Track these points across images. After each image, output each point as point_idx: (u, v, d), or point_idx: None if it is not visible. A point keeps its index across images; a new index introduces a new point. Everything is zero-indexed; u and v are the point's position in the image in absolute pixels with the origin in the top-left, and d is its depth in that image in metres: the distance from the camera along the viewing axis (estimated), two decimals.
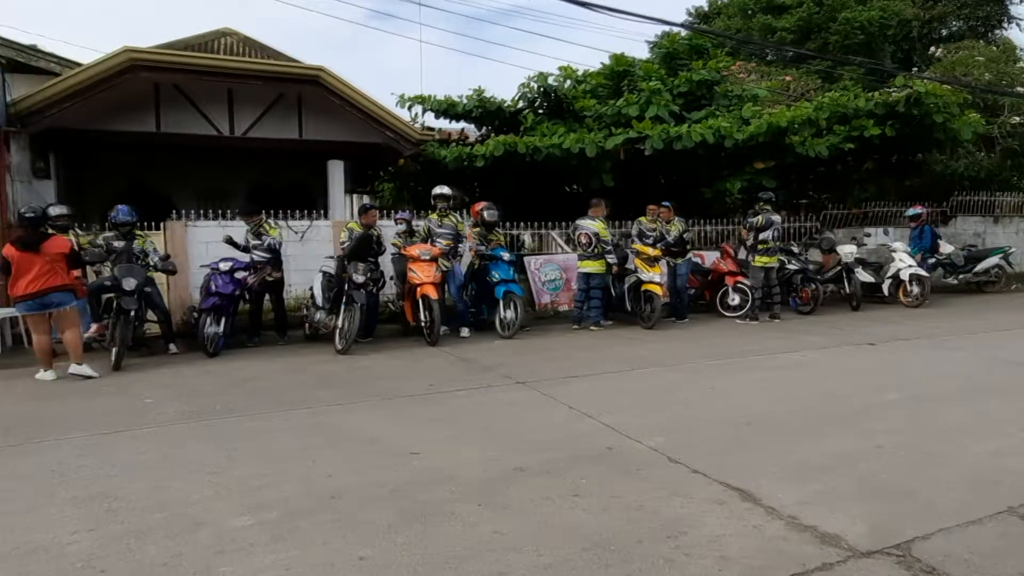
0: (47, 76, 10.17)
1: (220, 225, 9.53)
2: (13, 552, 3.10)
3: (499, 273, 8.92)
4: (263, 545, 3.13)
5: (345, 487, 3.81)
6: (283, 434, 4.87)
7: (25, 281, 6.66)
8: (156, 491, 3.78)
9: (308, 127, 11.24)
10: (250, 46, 12.78)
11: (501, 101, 12.74)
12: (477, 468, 4.11)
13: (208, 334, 7.77)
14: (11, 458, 4.42)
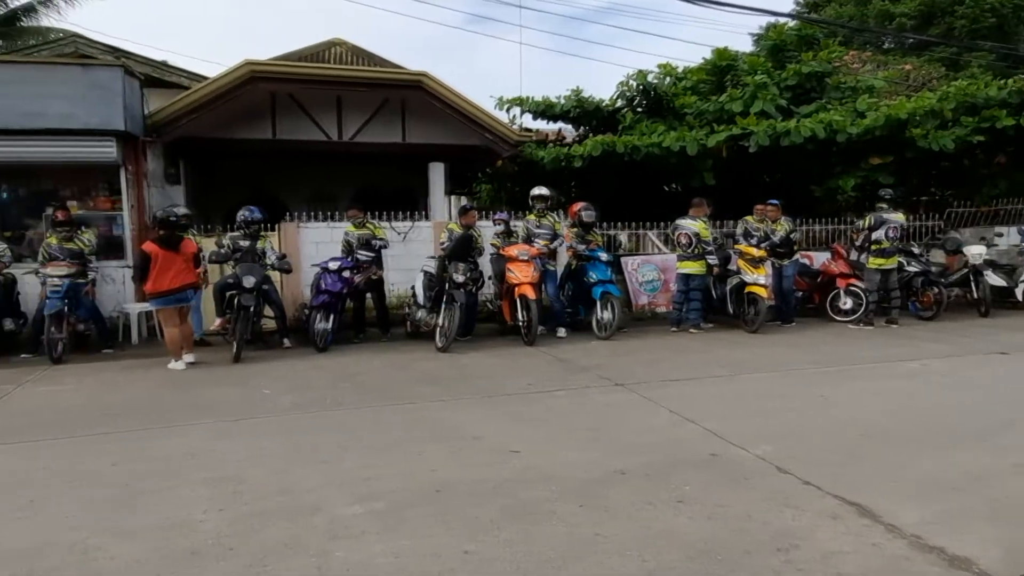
0: (178, 90, 11.02)
1: (329, 226, 10.00)
2: (154, 526, 3.39)
3: (596, 274, 8.88)
4: (374, 533, 3.27)
5: (449, 481, 3.92)
6: (389, 428, 5.05)
7: (167, 278, 7.28)
8: (276, 477, 4.03)
9: (411, 131, 11.60)
10: (358, 55, 13.32)
11: (599, 101, 12.67)
12: (577, 469, 4.11)
13: (318, 330, 8.18)
14: (148, 440, 4.82)
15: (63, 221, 8.23)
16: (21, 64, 9.62)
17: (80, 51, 12.15)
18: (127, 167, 9.46)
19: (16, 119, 8.68)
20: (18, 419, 5.44)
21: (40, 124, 8.74)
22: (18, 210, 9.63)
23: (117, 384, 6.70)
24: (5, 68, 9.20)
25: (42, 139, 8.83)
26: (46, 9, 17.40)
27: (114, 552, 3.13)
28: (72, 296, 7.83)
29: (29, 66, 9.42)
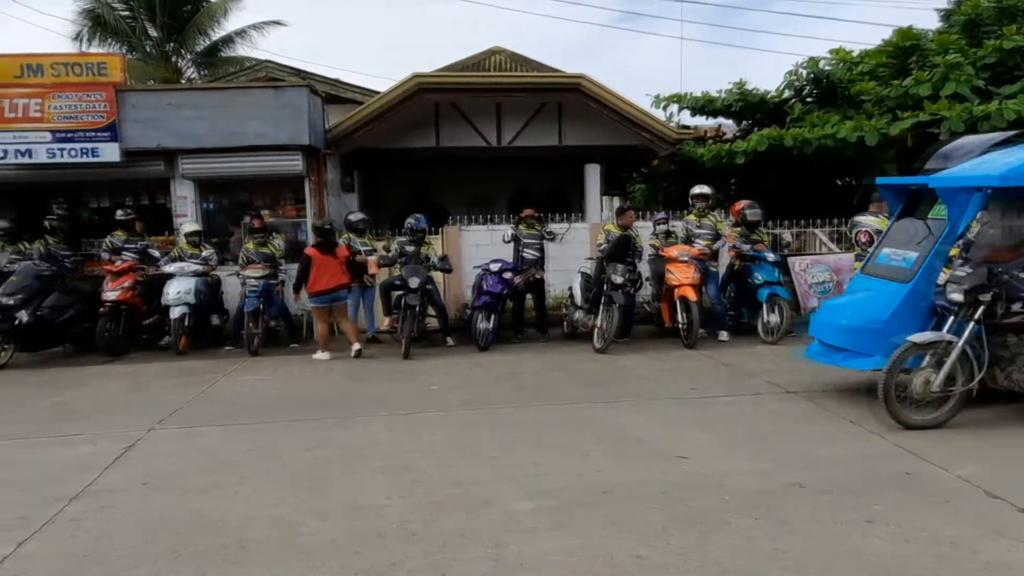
0: (352, 105, 11.90)
1: (489, 229, 10.32)
2: (344, 508, 3.68)
3: (762, 275, 8.43)
4: (545, 530, 3.33)
5: (616, 483, 3.90)
6: (552, 427, 5.12)
7: (323, 279, 8.01)
8: (448, 469, 4.22)
9: (567, 133, 11.67)
10: (517, 61, 13.64)
11: (764, 92, 12.02)
12: (750, 479, 3.93)
13: (480, 330, 8.46)
14: (334, 428, 5.24)
15: (258, 228, 9.16)
16: (225, 90, 10.86)
17: (270, 75, 13.50)
18: (310, 178, 10.36)
19: (221, 138, 9.80)
20: (225, 405, 6.12)
21: (240, 142, 9.81)
22: (221, 219, 10.85)
23: (305, 376, 7.35)
24: (212, 94, 10.42)
25: (241, 155, 9.90)
26: (240, 39, 19.53)
27: (312, 529, 3.43)
28: (266, 295, 8.71)
29: (231, 91, 10.60)
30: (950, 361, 4.67)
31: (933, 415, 4.79)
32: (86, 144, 9.50)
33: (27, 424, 5.59)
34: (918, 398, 4.74)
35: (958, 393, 4.75)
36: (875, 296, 5.51)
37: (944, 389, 4.72)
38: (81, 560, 3.17)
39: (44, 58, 9.73)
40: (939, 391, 4.71)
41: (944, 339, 4.74)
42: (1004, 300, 4.75)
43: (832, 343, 5.63)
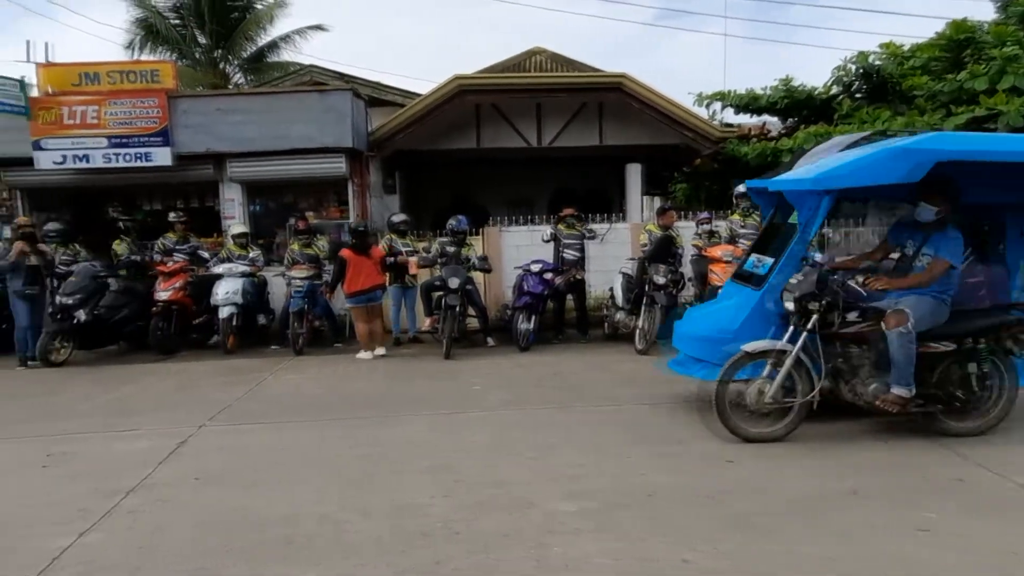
0: (394, 107, 12.04)
1: (529, 230, 10.33)
2: (389, 506, 3.72)
3: None
4: (588, 532, 3.32)
5: (660, 486, 3.86)
6: (594, 428, 5.09)
7: (359, 279, 8.17)
8: (490, 469, 4.24)
9: (608, 133, 11.61)
10: (557, 61, 13.63)
11: (811, 89, 11.74)
12: (800, 484, 3.85)
13: (520, 330, 8.47)
14: (378, 427, 5.30)
15: (303, 230, 9.34)
16: (271, 95, 11.10)
17: (314, 79, 13.74)
18: (353, 180, 10.53)
19: (269, 142, 10.03)
20: (271, 403, 6.25)
21: (286, 145, 10.03)
22: (267, 221, 11.10)
23: (348, 375, 7.46)
24: (259, 99, 10.67)
25: (287, 158, 10.12)
26: (285, 45, 19.93)
27: (357, 527, 3.48)
28: (311, 296, 8.87)
29: (277, 96, 10.84)
30: (783, 372, 4.52)
31: (773, 428, 4.64)
32: (140, 149, 9.83)
33: (87, 419, 5.80)
34: (754, 409, 4.59)
35: (798, 405, 4.59)
36: (732, 304, 5.33)
37: (781, 400, 4.56)
38: (138, 551, 3.28)
39: (100, 66, 10.10)
40: (772, 402, 4.55)
41: (776, 348, 4.59)
42: (839, 309, 4.55)
43: (691, 354, 5.39)
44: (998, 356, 4.64)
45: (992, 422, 4.65)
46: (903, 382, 4.40)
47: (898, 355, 4.35)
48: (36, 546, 3.34)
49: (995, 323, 4.62)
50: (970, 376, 4.57)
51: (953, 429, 4.61)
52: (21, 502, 3.98)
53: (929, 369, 4.57)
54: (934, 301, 4.48)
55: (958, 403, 4.58)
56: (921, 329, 4.40)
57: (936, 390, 4.57)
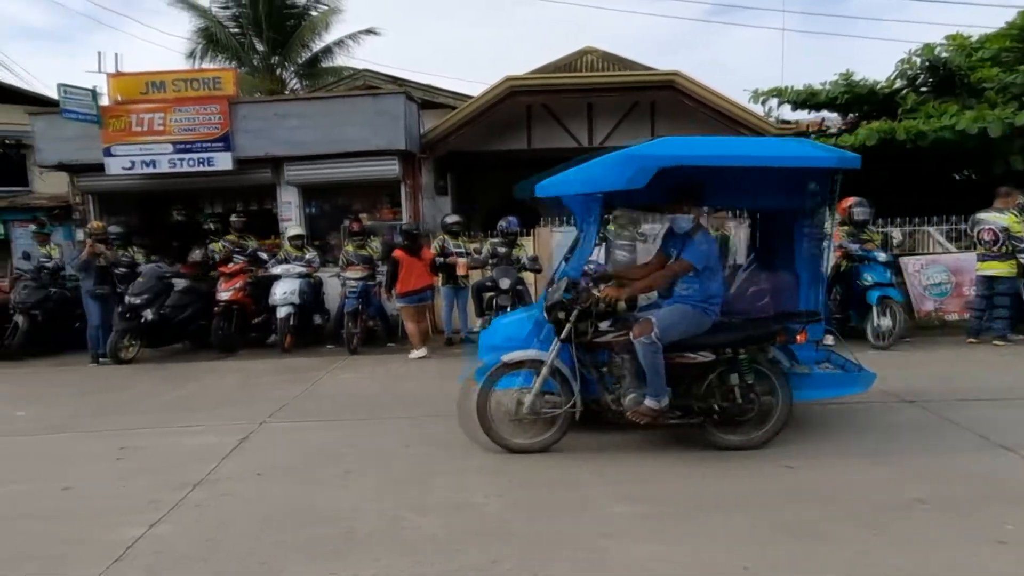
0: (445, 109, 12.16)
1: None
2: (443, 504, 3.76)
3: (873, 276, 7.98)
4: (644, 536, 3.28)
5: (715, 492, 3.79)
6: (650, 430, 4.99)
7: (411, 280, 8.36)
8: (544, 470, 4.23)
9: (659, 131, 11.45)
10: (609, 60, 13.53)
11: (873, 83, 11.36)
12: (863, 491, 3.73)
13: None
14: (429, 427, 5.32)
15: (357, 231, 9.51)
16: (326, 99, 11.35)
17: (367, 83, 13.99)
18: (406, 181, 10.67)
19: (324, 145, 10.26)
20: (328, 401, 6.37)
21: (341, 148, 10.23)
22: (322, 222, 11.35)
23: (401, 374, 7.56)
24: (315, 104, 10.92)
25: (342, 161, 10.33)
26: (339, 49, 20.36)
27: (414, 524, 3.52)
28: (365, 296, 9.03)
29: (332, 100, 11.08)
30: (538, 382, 4.45)
31: (539, 438, 4.56)
32: (203, 154, 10.18)
33: (155, 415, 6.04)
34: (516, 418, 4.52)
35: (562, 415, 4.50)
36: (527, 313, 5.20)
37: (539, 411, 4.51)
38: (206, 543, 3.39)
39: (166, 75, 10.50)
40: (530, 413, 4.48)
41: (532, 358, 4.52)
42: (592, 318, 4.40)
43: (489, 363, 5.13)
44: (766, 367, 4.48)
45: (767, 434, 4.49)
46: (653, 393, 4.29)
47: (646, 365, 4.24)
48: (111, 536, 3.49)
49: (760, 333, 4.46)
50: (734, 388, 4.41)
51: (724, 442, 4.48)
52: (97, 493, 4.17)
53: (694, 380, 4.44)
54: (691, 310, 4.36)
55: (723, 415, 4.42)
56: (673, 339, 4.28)
57: (700, 402, 4.42)
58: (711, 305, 4.41)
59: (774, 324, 4.52)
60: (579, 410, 4.48)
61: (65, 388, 7.46)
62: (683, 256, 4.41)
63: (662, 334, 4.20)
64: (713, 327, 4.40)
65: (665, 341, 4.22)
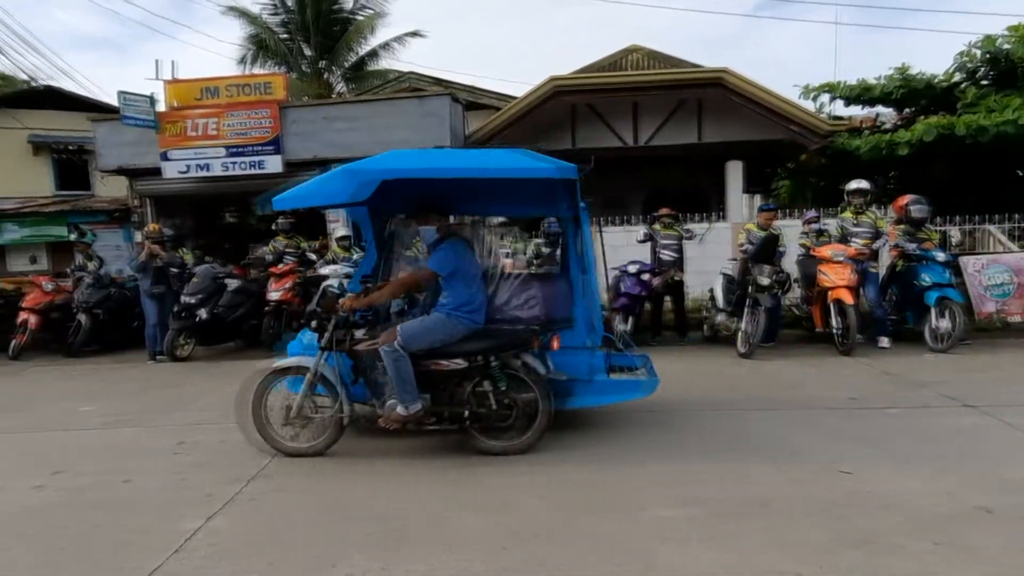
0: (489, 110, 12.22)
1: (625, 230, 10.20)
2: (489, 504, 3.76)
3: (931, 276, 7.71)
4: (698, 541, 3.22)
5: (772, 496, 3.71)
6: (698, 433, 4.94)
7: None
8: (594, 471, 4.20)
9: (706, 130, 11.31)
10: (654, 58, 13.42)
11: (930, 77, 10.98)
12: (925, 500, 3.60)
13: (617, 331, 8.33)
14: None
15: None
16: (373, 102, 11.52)
17: (413, 85, 14.15)
18: None
19: (371, 147, 10.34)
20: None
21: (388, 150, 10.33)
22: None
23: None
24: (362, 106, 11.09)
25: None
26: (384, 52, 20.62)
27: (463, 522, 3.54)
28: None
29: (379, 103, 11.24)
30: (304, 387, 4.58)
31: (312, 443, 4.67)
32: (254, 157, 10.44)
33: (211, 411, 6.20)
34: (287, 423, 4.64)
35: (331, 421, 4.62)
36: None
37: (306, 416, 4.64)
38: (261, 537, 3.47)
39: (220, 81, 10.79)
40: (299, 416, 4.62)
41: (296, 364, 4.70)
42: (349, 326, 4.54)
43: None
44: (522, 373, 4.52)
45: (530, 440, 4.54)
46: (401, 399, 4.38)
47: (391, 372, 4.33)
48: (170, 527, 3.60)
49: (508, 341, 4.52)
50: (488, 394, 4.46)
51: (489, 447, 4.55)
52: (157, 486, 4.30)
53: (451, 387, 4.52)
54: (445, 318, 4.46)
55: (481, 421, 4.49)
56: (421, 347, 4.38)
57: (457, 408, 4.48)
58: (465, 313, 4.49)
59: (525, 332, 4.60)
60: (347, 416, 4.61)
61: (125, 384, 7.73)
62: (427, 264, 4.57)
63: (406, 342, 4.33)
64: (470, 335, 4.50)
65: (411, 349, 4.35)
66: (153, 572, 3.13)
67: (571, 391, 4.78)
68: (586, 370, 4.87)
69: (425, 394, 4.49)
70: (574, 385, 4.80)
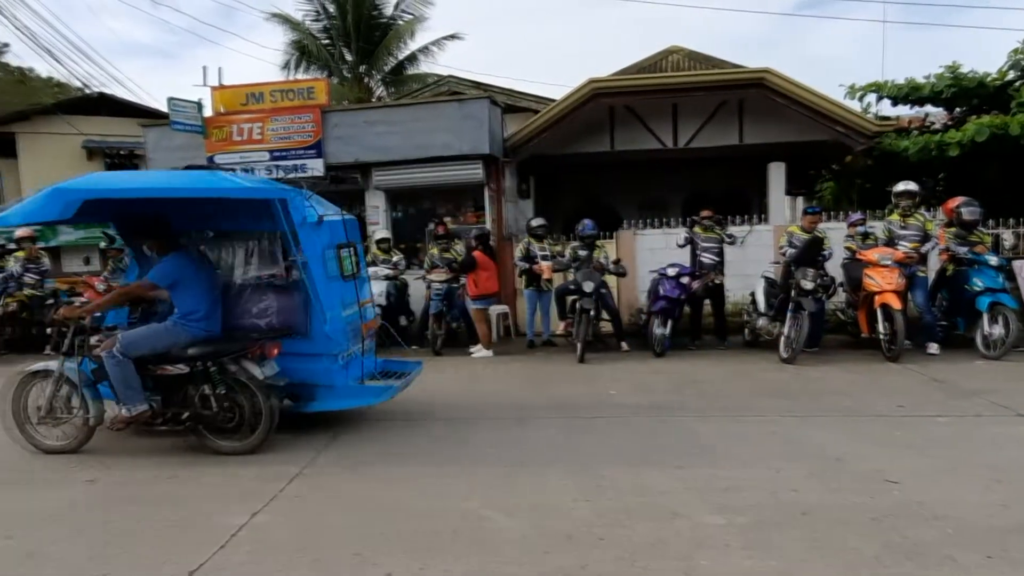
0: (528, 113, 12.23)
1: (664, 233, 10.11)
2: (531, 506, 3.77)
3: (983, 281, 7.46)
4: (739, 549, 3.18)
5: (815, 505, 3.64)
6: (738, 439, 4.88)
7: (489, 283, 8.88)
8: (633, 476, 4.17)
9: (748, 131, 11.12)
10: (695, 59, 13.26)
11: (983, 75, 10.61)
12: (977, 511, 3.49)
13: (656, 335, 8.29)
14: (514, 429, 5.38)
15: (443, 235, 9.69)
16: (412, 106, 11.62)
17: (451, 89, 14.24)
18: (489, 185, 10.77)
19: (411, 151, 10.51)
20: (416, 401, 6.43)
21: (427, 153, 10.44)
22: (407, 226, 11.61)
23: (485, 376, 7.64)
24: (401, 110, 11.19)
25: (427, 166, 10.54)
26: (424, 56, 20.80)
27: (501, 525, 3.55)
28: (449, 298, 9.19)
29: (418, 106, 11.33)
30: (48, 391, 4.96)
31: (64, 441, 5.05)
32: (296, 161, 10.63)
33: None
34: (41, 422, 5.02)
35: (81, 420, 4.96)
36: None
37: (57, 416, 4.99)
38: (303, 534, 3.53)
39: (264, 86, 11.02)
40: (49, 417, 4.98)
41: (44, 369, 5.00)
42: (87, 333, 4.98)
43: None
44: (243, 378, 4.81)
45: (257, 440, 4.83)
46: (125, 401, 4.74)
47: (112, 376, 4.71)
48: (215, 523, 3.69)
49: (224, 348, 4.86)
50: (208, 397, 4.79)
51: (219, 447, 4.89)
52: (202, 482, 4.41)
53: (177, 390, 4.86)
54: (170, 326, 4.83)
55: (206, 422, 4.83)
56: (142, 352, 4.74)
57: (183, 409, 4.82)
58: (192, 321, 4.86)
59: (241, 339, 4.99)
60: (92, 417, 4.95)
61: None
62: (147, 276, 4.97)
63: (125, 348, 4.69)
64: (196, 342, 4.83)
65: (132, 354, 4.71)
66: (199, 567, 3.21)
67: (314, 395, 5.17)
68: (325, 376, 5.19)
69: (158, 396, 4.89)
70: (316, 390, 5.18)
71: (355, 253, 5.82)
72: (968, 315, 7.73)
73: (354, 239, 5.83)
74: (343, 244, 5.56)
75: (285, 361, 5.09)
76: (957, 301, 7.89)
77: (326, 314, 5.09)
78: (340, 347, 5.19)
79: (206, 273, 5.11)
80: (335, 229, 5.45)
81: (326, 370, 5.18)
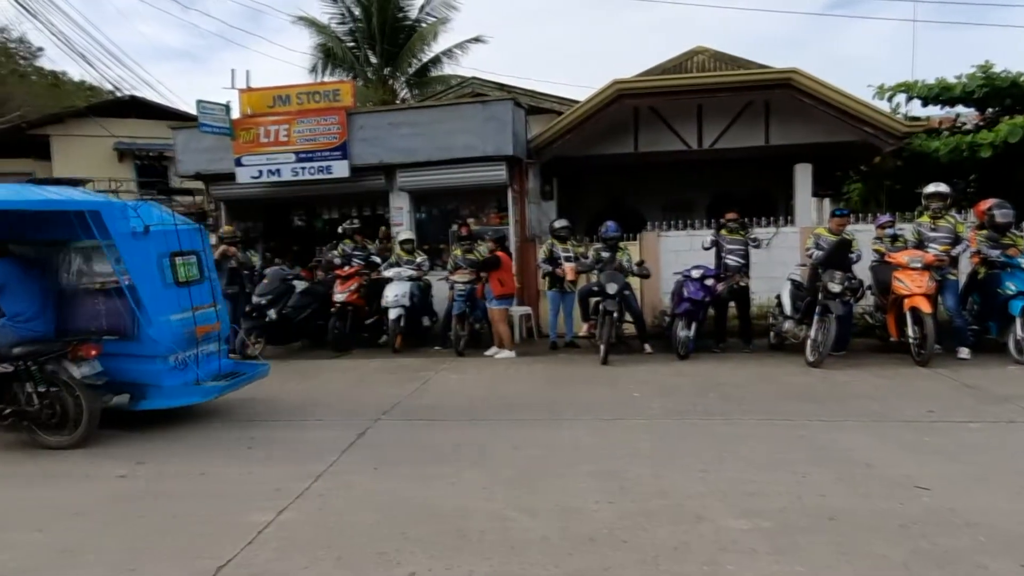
0: (551, 114, 12.21)
1: (688, 234, 10.04)
2: (553, 508, 3.77)
3: (1016, 284, 7.29)
4: (764, 553, 3.15)
5: (843, 510, 3.59)
6: (763, 443, 4.83)
7: (509, 283, 9.02)
8: (655, 479, 4.16)
9: (774, 132, 11.00)
10: (720, 60, 13.15)
11: (1016, 75, 10.39)
12: (1011, 520, 3.41)
13: (680, 337, 8.24)
14: (539, 429, 5.39)
15: (466, 236, 9.72)
16: (436, 107, 11.67)
17: (475, 90, 14.28)
18: (513, 187, 10.78)
19: (434, 152, 10.56)
20: (438, 401, 6.54)
21: (450, 155, 10.49)
22: (431, 227, 11.67)
23: (507, 377, 7.65)
24: (425, 112, 11.25)
25: (451, 167, 10.58)
26: (447, 59, 20.90)
27: (524, 526, 3.56)
28: (471, 299, 9.22)
29: (442, 108, 11.38)
30: None
31: None
32: (322, 163, 10.73)
33: (281, 408, 6.41)
34: None
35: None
36: None
37: None
38: (328, 532, 3.57)
39: (291, 89, 11.15)
40: None
41: None
42: None
43: None
44: (63, 375, 5.11)
45: (81, 436, 5.12)
46: None
47: None
48: (243, 520, 3.74)
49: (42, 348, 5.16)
50: (31, 395, 5.09)
51: (46, 442, 5.18)
52: (230, 479, 4.48)
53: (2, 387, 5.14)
54: None
55: (31, 418, 5.11)
56: None
57: (6, 406, 5.11)
58: (19, 323, 5.27)
59: (58, 341, 5.30)
60: None
61: None
62: None
63: None
64: (22, 342, 5.13)
65: None
66: (227, 562, 3.26)
67: (145, 394, 5.48)
68: (154, 377, 5.51)
69: None
70: (147, 389, 5.50)
71: (198, 261, 6.08)
72: (1000, 319, 7.56)
73: (191, 247, 6.03)
74: (178, 252, 5.78)
75: (116, 362, 5.46)
76: (989, 305, 7.72)
77: (151, 318, 5.38)
78: (168, 349, 5.52)
79: (34, 277, 5.51)
80: (169, 238, 5.66)
81: (155, 371, 5.52)
